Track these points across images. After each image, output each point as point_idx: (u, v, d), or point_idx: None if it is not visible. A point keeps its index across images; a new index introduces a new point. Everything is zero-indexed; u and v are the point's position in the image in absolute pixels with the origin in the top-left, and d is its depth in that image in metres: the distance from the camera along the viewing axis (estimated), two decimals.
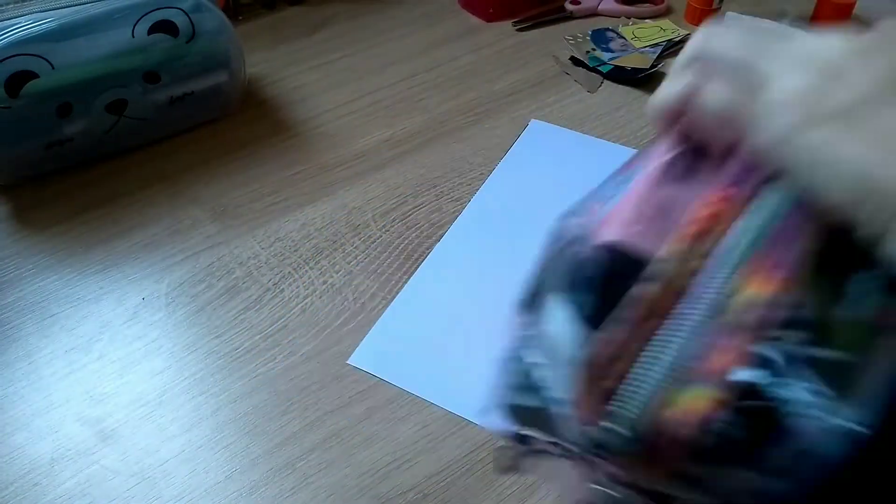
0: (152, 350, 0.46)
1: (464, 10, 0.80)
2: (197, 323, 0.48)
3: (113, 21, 0.54)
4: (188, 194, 0.57)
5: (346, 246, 0.53)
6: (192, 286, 0.50)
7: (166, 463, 0.40)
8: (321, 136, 0.63)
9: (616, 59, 0.71)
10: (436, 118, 0.65)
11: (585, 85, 0.69)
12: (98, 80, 0.54)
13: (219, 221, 0.55)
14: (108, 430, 0.42)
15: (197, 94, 0.60)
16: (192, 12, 0.56)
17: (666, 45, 0.73)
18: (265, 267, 0.51)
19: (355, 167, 0.60)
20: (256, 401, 0.43)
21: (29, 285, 0.50)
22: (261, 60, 0.72)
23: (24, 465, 0.40)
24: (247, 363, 0.45)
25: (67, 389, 0.44)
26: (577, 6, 0.79)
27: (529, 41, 0.75)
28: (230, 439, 0.41)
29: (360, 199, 0.57)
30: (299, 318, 0.48)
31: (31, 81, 0.52)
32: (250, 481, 0.39)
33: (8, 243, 0.54)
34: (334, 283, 0.50)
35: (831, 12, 0.76)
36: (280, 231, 0.54)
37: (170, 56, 0.57)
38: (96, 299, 0.49)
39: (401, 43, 0.75)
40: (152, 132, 0.61)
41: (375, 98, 0.68)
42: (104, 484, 0.39)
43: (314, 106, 0.67)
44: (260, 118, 0.65)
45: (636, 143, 0.62)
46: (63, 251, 0.53)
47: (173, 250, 0.53)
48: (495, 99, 0.67)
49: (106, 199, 0.57)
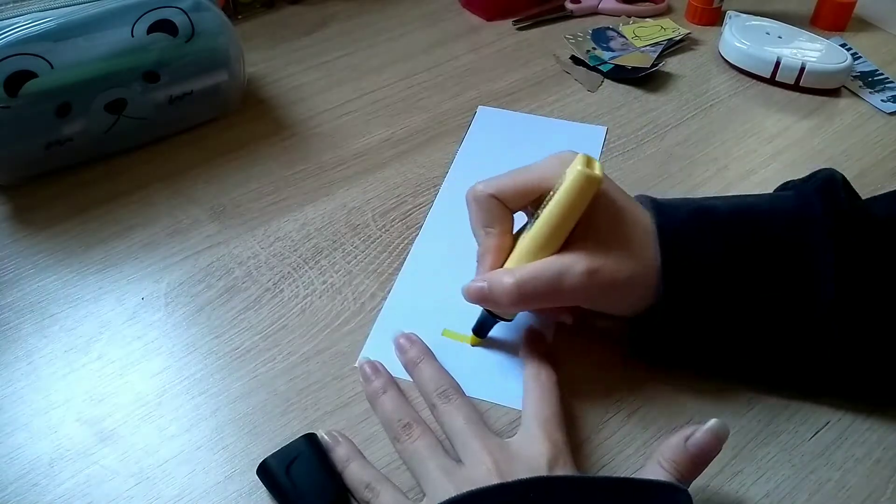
0: (152, 350, 0.46)
1: (464, 9, 0.80)
2: (196, 323, 0.48)
3: (112, 20, 0.54)
4: (188, 194, 0.57)
5: (345, 246, 0.53)
6: (191, 286, 0.50)
7: (166, 463, 0.40)
8: (321, 135, 0.63)
9: (616, 58, 0.71)
10: (436, 118, 0.65)
11: (586, 84, 0.69)
12: (97, 79, 0.54)
13: (218, 221, 0.55)
14: (107, 431, 0.42)
15: (196, 93, 0.60)
16: (192, 12, 0.56)
17: (666, 44, 0.72)
18: (265, 267, 0.51)
19: (355, 167, 0.60)
20: (256, 401, 0.43)
21: (28, 285, 0.50)
22: (261, 60, 0.72)
23: (24, 466, 0.40)
24: (246, 363, 0.45)
25: (67, 389, 0.44)
26: (578, 5, 0.79)
27: (530, 40, 0.75)
28: (230, 439, 0.41)
29: (359, 199, 0.57)
30: (299, 318, 0.48)
31: (30, 81, 0.51)
32: (250, 481, 0.39)
33: (8, 243, 0.54)
34: (334, 282, 0.50)
35: (831, 12, 0.75)
36: (280, 231, 0.54)
37: (169, 55, 0.57)
38: (95, 299, 0.49)
39: (401, 43, 0.75)
40: (152, 132, 0.61)
41: (375, 98, 0.67)
42: (104, 484, 0.39)
43: (314, 105, 0.67)
44: (260, 118, 0.65)
45: (636, 142, 0.62)
46: (62, 251, 0.53)
47: (173, 250, 0.53)
48: (495, 98, 0.67)
49: (106, 199, 0.57)
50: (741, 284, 0.40)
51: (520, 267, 0.41)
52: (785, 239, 0.41)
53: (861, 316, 0.40)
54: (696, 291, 0.40)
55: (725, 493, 0.38)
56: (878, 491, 0.39)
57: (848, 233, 0.40)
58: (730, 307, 0.41)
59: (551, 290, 0.40)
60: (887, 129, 0.63)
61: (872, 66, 0.70)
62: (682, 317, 0.41)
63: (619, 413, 0.42)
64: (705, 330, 0.41)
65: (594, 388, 0.43)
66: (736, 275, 0.40)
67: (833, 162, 0.59)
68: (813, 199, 0.42)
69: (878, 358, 0.40)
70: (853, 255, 0.40)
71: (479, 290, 0.42)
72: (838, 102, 0.66)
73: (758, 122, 0.64)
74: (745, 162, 0.60)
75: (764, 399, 0.43)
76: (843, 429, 0.41)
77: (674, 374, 0.44)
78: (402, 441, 0.39)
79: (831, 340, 0.40)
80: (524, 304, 0.42)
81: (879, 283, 0.40)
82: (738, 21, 0.72)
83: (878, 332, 0.40)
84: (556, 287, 0.40)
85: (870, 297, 0.40)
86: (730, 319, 0.41)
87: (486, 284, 0.41)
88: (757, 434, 0.41)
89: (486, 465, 0.36)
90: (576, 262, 0.40)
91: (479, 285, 0.42)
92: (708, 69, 0.71)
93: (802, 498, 0.38)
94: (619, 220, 0.41)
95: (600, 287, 0.40)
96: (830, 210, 0.41)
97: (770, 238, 0.41)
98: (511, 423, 0.42)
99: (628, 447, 0.41)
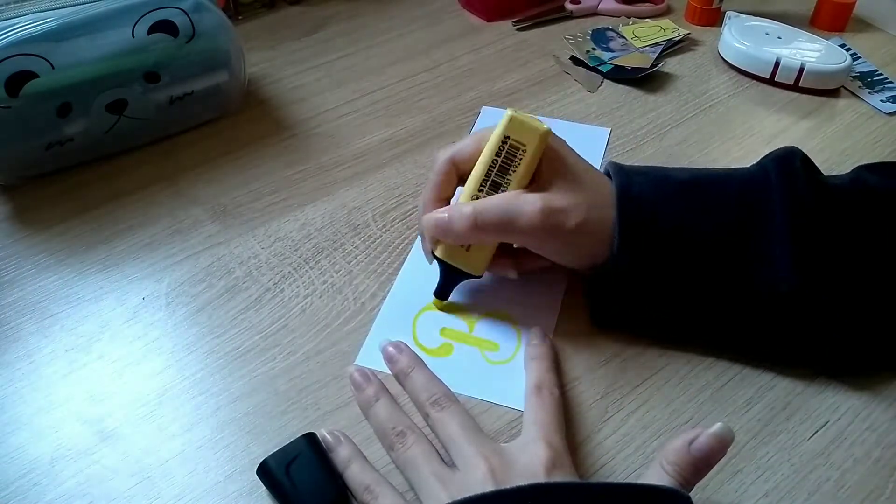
0: (152, 350, 0.46)
1: (464, 9, 0.80)
2: (197, 323, 0.48)
3: (113, 21, 0.54)
4: (188, 194, 0.57)
5: (345, 245, 0.53)
6: (192, 286, 0.50)
7: (166, 463, 0.40)
8: (321, 135, 0.63)
9: (616, 59, 0.71)
10: (436, 118, 0.65)
11: (585, 84, 0.69)
12: (98, 79, 0.54)
13: (219, 221, 0.55)
14: (108, 430, 0.42)
15: (197, 93, 0.60)
16: (192, 12, 0.56)
17: (666, 44, 0.73)
18: (265, 267, 0.51)
19: (355, 167, 0.60)
20: (256, 401, 0.43)
21: (29, 285, 0.50)
22: (261, 60, 0.72)
23: (25, 465, 0.40)
24: (247, 363, 0.45)
25: (67, 389, 0.44)
26: (578, 6, 0.79)
27: (529, 41, 0.75)
28: (230, 439, 0.41)
29: (359, 199, 0.57)
30: (299, 318, 0.48)
31: (30, 81, 0.52)
32: (250, 481, 0.39)
33: (8, 243, 0.54)
34: (334, 282, 0.50)
35: (830, 13, 0.75)
36: (280, 231, 0.54)
37: (170, 56, 0.57)
38: (96, 299, 0.49)
39: (401, 43, 0.75)
40: (152, 132, 0.61)
41: (375, 98, 0.68)
42: (104, 484, 0.39)
43: (314, 106, 0.67)
44: (260, 118, 0.65)
45: (635, 142, 0.62)
46: (63, 251, 0.53)
47: (173, 250, 0.53)
48: (495, 99, 0.67)
49: (106, 198, 0.57)
50: (695, 240, 0.42)
51: (480, 200, 0.43)
52: (739, 197, 0.43)
53: (816, 273, 0.41)
54: (650, 245, 0.42)
55: (725, 492, 0.38)
56: (878, 490, 0.39)
57: (801, 193, 0.42)
58: (683, 262, 0.42)
59: (506, 221, 0.42)
60: (886, 129, 0.63)
61: (872, 67, 0.70)
62: (636, 270, 0.42)
63: (619, 413, 0.42)
64: (659, 286, 0.43)
65: (594, 387, 0.43)
66: (690, 230, 0.42)
67: (832, 162, 0.59)
68: (769, 166, 0.44)
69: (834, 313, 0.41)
70: (807, 215, 0.41)
71: (439, 219, 0.44)
72: (837, 103, 0.66)
73: (757, 123, 0.64)
74: (744, 162, 0.59)
75: (763, 399, 0.43)
76: (843, 428, 0.41)
77: (673, 375, 0.44)
78: (397, 449, 0.39)
79: (784, 296, 0.41)
80: (479, 234, 0.43)
81: (834, 243, 0.41)
82: (737, 21, 0.72)
83: (834, 291, 0.41)
84: (512, 220, 0.42)
85: (824, 256, 0.41)
86: (683, 275, 0.42)
87: (447, 214, 0.44)
88: (756, 434, 0.41)
89: (481, 470, 0.36)
90: (533, 200, 0.42)
91: (440, 215, 0.44)
92: (707, 69, 0.71)
93: (802, 497, 0.38)
94: (577, 172, 0.44)
95: (553, 228, 0.42)
96: (786, 174, 0.43)
97: (724, 196, 0.43)
98: (510, 424, 0.42)
99: (627, 447, 0.41)
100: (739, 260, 0.42)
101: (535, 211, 0.41)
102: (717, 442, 0.34)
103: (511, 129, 0.43)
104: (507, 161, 0.43)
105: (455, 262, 0.45)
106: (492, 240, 0.45)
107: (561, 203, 0.42)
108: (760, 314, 0.42)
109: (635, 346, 0.45)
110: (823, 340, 0.42)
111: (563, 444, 0.38)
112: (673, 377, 0.44)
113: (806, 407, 0.42)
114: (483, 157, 0.44)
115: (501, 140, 0.43)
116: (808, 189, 0.42)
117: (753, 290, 0.42)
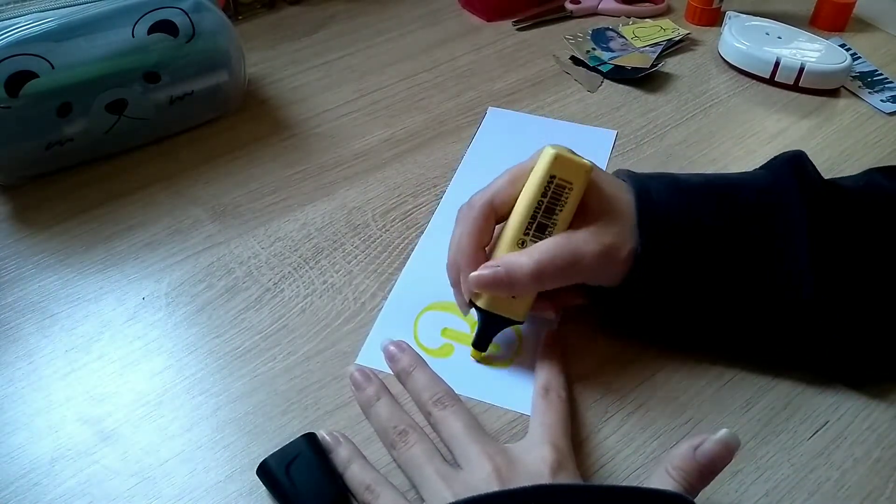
0: (152, 350, 0.46)
1: (464, 9, 0.80)
2: (197, 323, 0.48)
3: (113, 21, 0.54)
4: (188, 194, 0.57)
5: (345, 245, 0.53)
6: (192, 286, 0.50)
7: (166, 463, 0.40)
8: (321, 135, 0.63)
9: (616, 59, 0.71)
10: (436, 118, 0.65)
11: (585, 84, 0.69)
12: (98, 79, 0.54)
13: (219, 221, 0.55)
14: (108, 430, 0.42)
15: (197, 93, 0.60)
16: (192, 12, 0.56)
17: (666, 44, 0.73)
18: (265, 267, 0.51)
19: (355, 167, 0.60)
20: (256, 401, 0.43)
21: (29, 285, 0.50)
22: (261, 60, 0.72)
23: (25, 465, 0.40)
24: (247, 363, 0.45)
25: (67, 389, 0.44)
26: (578, 6, 0.79)
27: (529, 41, 0.75)
28: (230, 439, 0.41)
29: (359, 199, 0.57)
30: (299, 318, 0.48)
31: (31, 81, 0.52)
32: (250, 481, 0.39)
33: (8, 243, 0.54)
34: (334, 282, 0.50)
35: (831, 12, 0.76)
36: (280, 231, 0.54)
37: (170, 56, 0.57)
38: (96, 299, 0.49)
39: (401, 43, 0.75)
40: (152, 132, 0.61)
41: (375, 98, 0.68)
42: (104, 484, 0.39)
43: (314, 106, 0.67)
44: (260, 118, 0.65)
45: (635, 142, 0.62)
46: (63, 251, 0.53)
47: (173, 250, 0.53)
48: (495, 98, 0.67)
49: (106, 198, 0.57)
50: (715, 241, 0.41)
51: (529, 248, 0.41)
52: (757, 204, 0.42)
53: (836, 279, 0.40)
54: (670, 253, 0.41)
55: (725, 492, 0.38)
56: (878, 490, 0.39)
57: (819, 198, 0.42)
58: (703, 268, 0.41)
59: (569, 266, 0.40)
60: (886, 129, 0.63)
61: (872, 67, 0.70)
62: (656, 279, 0.41)
63: (619, 413, 0.42)
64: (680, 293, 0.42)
65: (594, 387, 0.43)
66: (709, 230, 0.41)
67: (833, 162, 0.59)
68: (784, 169, 0.43)
69: (851, 321, 0.41)
70: (826, 221, 0.41)
71: (495, 273, 0.41)
72: (837, 103, 0.66)
73: (757, 123, 0.64)
74: (744, 162, 0.60)
75: (763, 399, 0.43)
76: (843, 428, 0.41)
77: (673, 375, 0.44)
78: (399, 448, 0.39)
79: (805, 303, 0.41)
80: (543, 283, 0.41)
81: (852, 248, 0.41)
82: (737, 21, 0.72)
83: (853, 297, 0.41)
84: (574, 265, 0.40)
85: (843, 261, 0.41)
86: (703, 281, 0.42)
87: (503, 268, 0.41)
88: (756, 433, 0.41)
89: (486, 469, 0.36)
90: (587, 240, 0.40)
91: (494, 269, 0.41)
92: (707, 69, 0.71)
93: (802, 497, 0.38)
94: (613, 196, 0.42)
95: (609, 262, 0.41)
96: (802, 178, 0.42)
97: (741, 199, 0.43)
98: (509, 423, 0.42)
99: (627, 447, 0.41)
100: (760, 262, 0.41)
101: (595, 253, 0.40)
102: (723, 448, 0.34)
103: (556, 168, 0.40)
104: (554, 201, 0.41)
105: (499, 310, 0.43)
106: (552, 287, 0.42)
107: (612, 238, 0.41)
108: (780, 320, 0.41)
109: (635, 346, 0.45)
110: (842, 347, 0.42)
111: (568, 447, 0.38)
112: (673, 377, 0.44)
113: (806, 407, 0.42)
114: (526, 198, 0.41)
115: (547, 180, 0.40)
116: (825, 193, 0.42)
117: (775, 295, 0.41)
